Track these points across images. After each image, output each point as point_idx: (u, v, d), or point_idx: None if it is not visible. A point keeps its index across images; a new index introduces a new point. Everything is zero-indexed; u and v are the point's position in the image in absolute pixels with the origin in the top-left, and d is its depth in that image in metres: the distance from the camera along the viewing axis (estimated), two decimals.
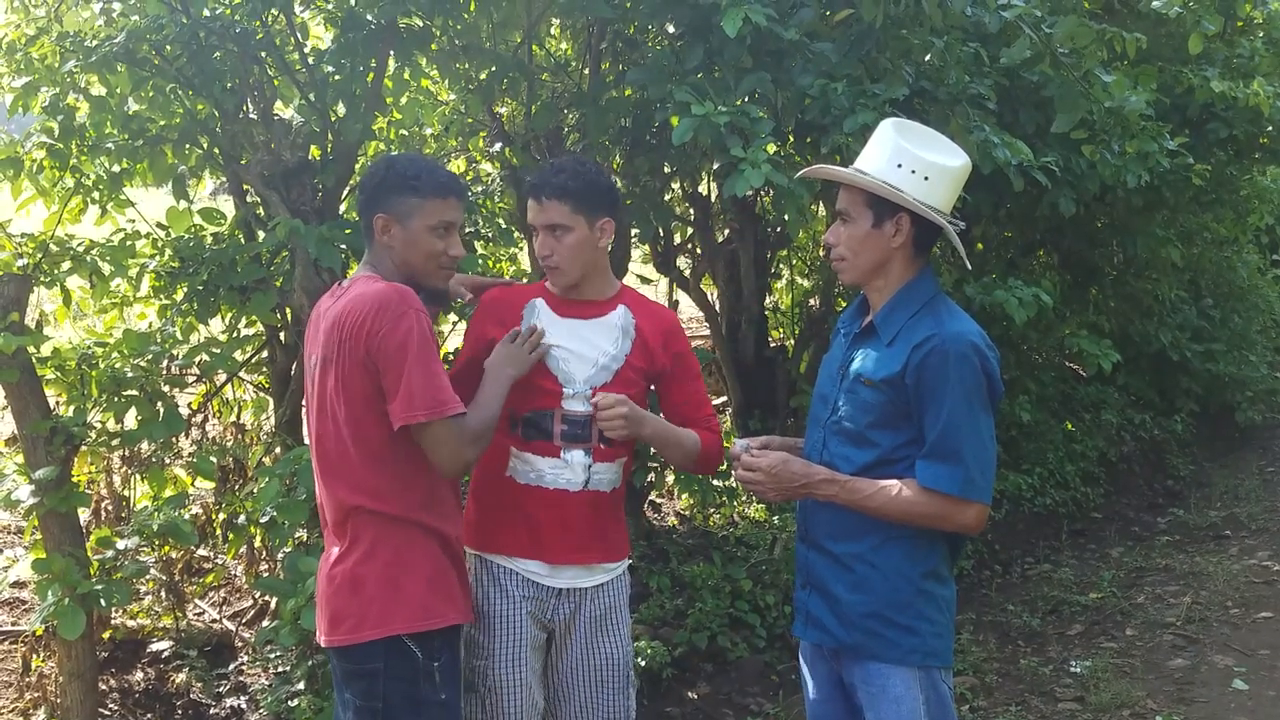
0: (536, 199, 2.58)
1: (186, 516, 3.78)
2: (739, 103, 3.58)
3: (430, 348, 2.30)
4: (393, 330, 2.27)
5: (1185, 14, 4.14)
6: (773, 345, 6.50)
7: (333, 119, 4.22)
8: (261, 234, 4.10)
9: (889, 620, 2.35)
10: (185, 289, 4.05)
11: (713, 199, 5.83)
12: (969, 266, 2.48)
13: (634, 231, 4.60)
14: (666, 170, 4.92)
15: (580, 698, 2.69)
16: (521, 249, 5.64)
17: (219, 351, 3.73)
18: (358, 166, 4.31)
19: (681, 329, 2.82)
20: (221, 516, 4.21)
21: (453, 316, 4.73)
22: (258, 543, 4.22)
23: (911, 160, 2.33)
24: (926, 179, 2.33)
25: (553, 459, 2.58)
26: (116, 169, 4.33)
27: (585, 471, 2.59)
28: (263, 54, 4.15)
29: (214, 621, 4.42)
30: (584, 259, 2.60)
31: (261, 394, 4.63)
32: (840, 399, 2.43)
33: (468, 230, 4.62)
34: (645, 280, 6.82)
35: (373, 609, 2.34)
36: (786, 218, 3.84)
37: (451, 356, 4.65)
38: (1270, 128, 6.29)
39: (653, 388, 2.75)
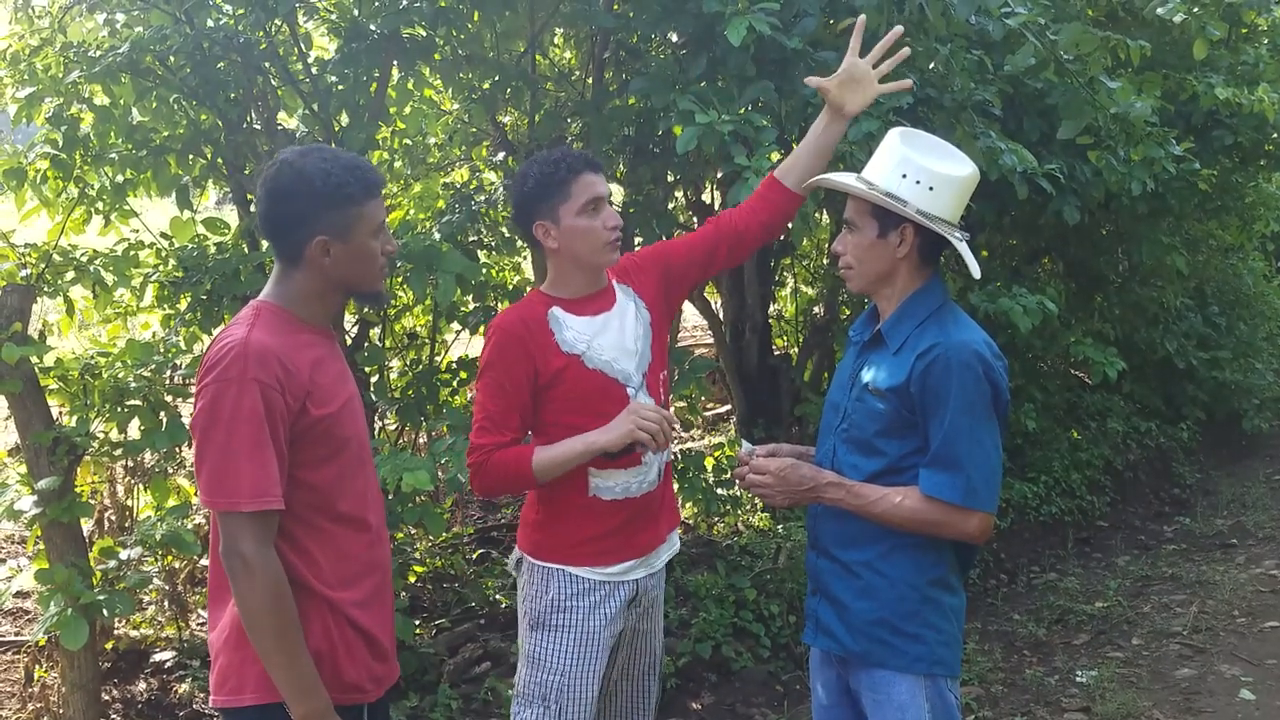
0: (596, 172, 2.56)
1: (189, 526, 3.78)
2: (742, 111, 3.57)
3: (251, 427, 1.99)
4: (211, 399, 2.00)
5: (1190, 20, 4.13)
6: (777, 353, 6.49)
7: (336, 129, 4.23)
8: (265, 244, 4.10)
9: (895, 628, 2.34)
10: (189, 299, 4.06)
11: (716, 207, 5.82)
12: (977, 275, 2.46)
13: (638, 240, 4.59)
14: (670, 179, 4.92)
15: (624, 679, 2.73)
16: (525, 258, 5.63)
17: None
18: None
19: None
20: None
21: (455, 325, 4.72)
22: None
23: (916, 170, 2.33)
24: (931, 189, 2.32)
25: (636, 468, 2.60)
26: (120, 179, 4.35)
27: (658, 468, 2.65)
28: (266, 64, 4.16)
29: None
30: None
31: None
32: (850, 407, 2.43)
33: (471, 239, 4.61)
34: None
35: (256, 669, 2.08)
36: (790, 225, 3.83)
37: (454, 364, 4.68)
38: (1275, 134, 6.28)
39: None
